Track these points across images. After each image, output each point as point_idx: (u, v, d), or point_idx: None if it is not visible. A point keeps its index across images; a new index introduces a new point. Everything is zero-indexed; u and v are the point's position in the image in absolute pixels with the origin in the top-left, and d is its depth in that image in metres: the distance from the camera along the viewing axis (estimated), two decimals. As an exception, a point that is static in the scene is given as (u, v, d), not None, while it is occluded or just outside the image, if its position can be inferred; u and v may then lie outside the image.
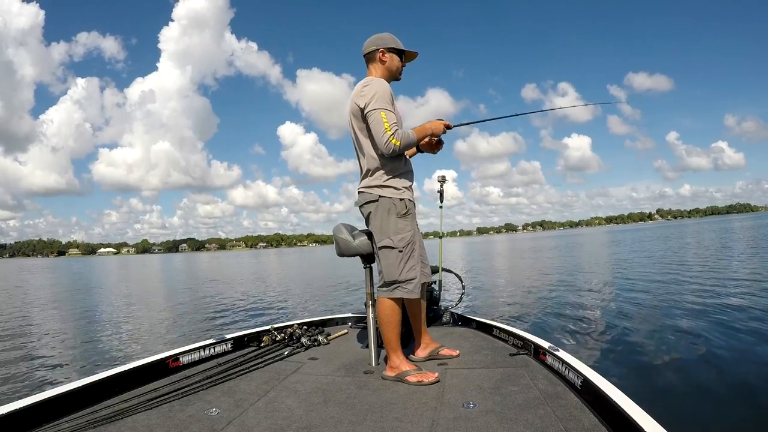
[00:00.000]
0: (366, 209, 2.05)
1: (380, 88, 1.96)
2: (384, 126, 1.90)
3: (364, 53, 2.12)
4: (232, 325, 6.38)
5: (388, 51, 2.09)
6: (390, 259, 1.97)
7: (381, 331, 2.03)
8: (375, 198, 2.00)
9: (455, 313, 2.91)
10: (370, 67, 2.12)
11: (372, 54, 2.09)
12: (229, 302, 9.21)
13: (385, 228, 1.98)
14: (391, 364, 1.98)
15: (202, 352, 2.25)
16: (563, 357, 1.84)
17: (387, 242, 1.98)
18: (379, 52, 2.08)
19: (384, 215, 1.98)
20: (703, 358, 3.60)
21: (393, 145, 1.91)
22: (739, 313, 5.00)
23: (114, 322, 7.33)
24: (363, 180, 2.08)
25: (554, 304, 6.61)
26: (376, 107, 1.92)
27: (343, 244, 2.20)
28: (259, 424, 1.54)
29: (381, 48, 2.08)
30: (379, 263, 2.03)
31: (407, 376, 1.92)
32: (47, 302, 11.29)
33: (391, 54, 2.09)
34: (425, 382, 1.87)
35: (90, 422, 1.52)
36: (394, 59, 2.10)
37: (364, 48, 2.12)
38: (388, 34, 2.11)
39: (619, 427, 1.30)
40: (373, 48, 2.09)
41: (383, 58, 2.08)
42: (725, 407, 2.70)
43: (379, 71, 2.10)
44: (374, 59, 2.09)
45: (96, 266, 44.28)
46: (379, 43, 2.09)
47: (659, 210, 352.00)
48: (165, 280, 19.76)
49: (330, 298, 9.21)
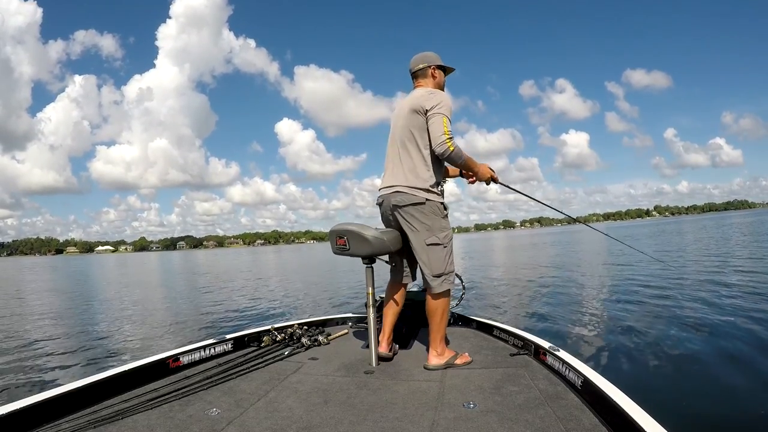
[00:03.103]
0: (409, 210, 2.14)
1: (447, 99, 2.13)
2: (444, 129, 2.05)
3: (414, 70, 2.28)
4: (232, 325, 6.38)
5: (437, 68, 2.27)
6: (438, 254, 2.14)
7: (431, 321, 2.15)
8: (422, 201, 2.12)
9: (455, 313, 2.91)
10: (420, 81, 2.28)
11: (424, 70, 2.27)
12: (228, 302, 9.22)
13: (432, 227, 2.14)
14: (439, 351, 2.13)
15: (202, 352, 2.25)
16: (563, 357, 1.84)
17: (434, 240, 2.14)
18: (430, 69, 2.26)
19: (431, 216, 2.14)
20: (703, 358, 3.61)
21: (447, 148, 2.04)
22: (740, 313, 5.02)
23: (114, 321, 7.33)
24: (405, 181, 2.14)
25: (554, 303, 6.62)
26: (442, 112, 2.07)
27: (376, 243, 2.14)
28: (259, 424, 1.54)
29: (432, 65, 2.26)
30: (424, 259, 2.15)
31: (456, 360, 2.12)
32: (46, 301, 11.28)
33: (439, 71, 2.29)
34: (468, 362, 2.13)
35: (90, 422, 1.52)
36: (441, 75, 2.30)
37: (413, 65, 2.28)
38: (433, 53, 2.30)
39: (620, 427, 1.31)
40: (425, 65, 2.26)
41: (434, 74, 2.27)
42: (726, 407, 2.71)
43: (430, 85, 2.26)
44: (426, 75, 2.27)
45: (94, 265, 44.18)
46: (429, 61, 2.27)
47: (657, 207, 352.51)
48: (164, 278, 19.73)
49: (330, 297, 9.21)
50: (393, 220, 2.22)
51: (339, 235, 2.23)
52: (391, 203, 2.17)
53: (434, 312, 2.15)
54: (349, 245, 2.19)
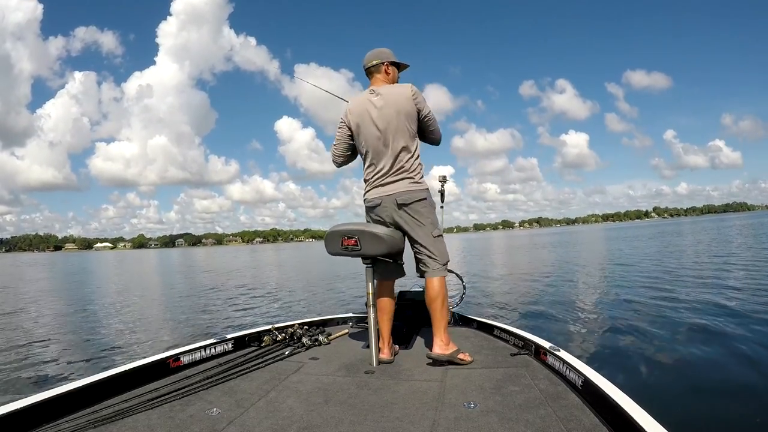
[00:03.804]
0: (416, 206, 2.19)
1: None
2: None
3: (369, 66, 2.30)
4: (232, 325, 6.37)
5: (391, 64, 2.31)
6: (442, 244, 2.26)
7: (435, 309, 2.15)
8: (425, 196, 2.23)
9: (456, 313, 2.91)
10: (377, 77, 2.31)
11: (377, 66, 2.30)
12: (228, 301, 9.20)
13: (434, 220, 2.26)
14: (444, 340, 2.14)
15: (202, 352, 2.25)
16: (564, 357, 1.84)
17: (437, 231, 2.26)
18: (384, 65, 2.29)
19: (432, 209, 2.26)
20: (704, 358, 3.62)
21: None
22: (740, 312, 5.04)
23: (112, 321, 7.32)
24: (405, 178, 2.19)
25: (555, 303, 6.62)
26: (431, 111, 2.27)
27: (390, 241, 2.13)
28: (259, 424, 1.54)
29: (385, 62, 2.29)
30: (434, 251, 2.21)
31: (459, 355, 2.13)
32: (45, 301, 11.25)
33: (393, 67, 2.32)
34: (469, 361, 2.12)
35: (90, 422, 1.52)
36: (395, 71, 2.34)
37: (366, 61, 2.31)
38: (386, 50, 2.34)
39: (620, 427, 1.31)
40: (378, 61, 2.29)
41: (388, 70, 2.30)
42: (726, 407, 2.72)
43: (386, 81, 2.32)
44: (380, 71, 2.30)
45: (92, 262, 44.11)
46: (383, 57, 2.29)
47: (656, 208, 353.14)
48: (163, 277, 19.71)
49: (330, 297, 9.20)
50: (397, 219, 2.20)
51: (347, 235, 2.14)
52: (397, 202, 2.16)
53: (436, 298, 2.17)
54: (361, 245, 2.12)
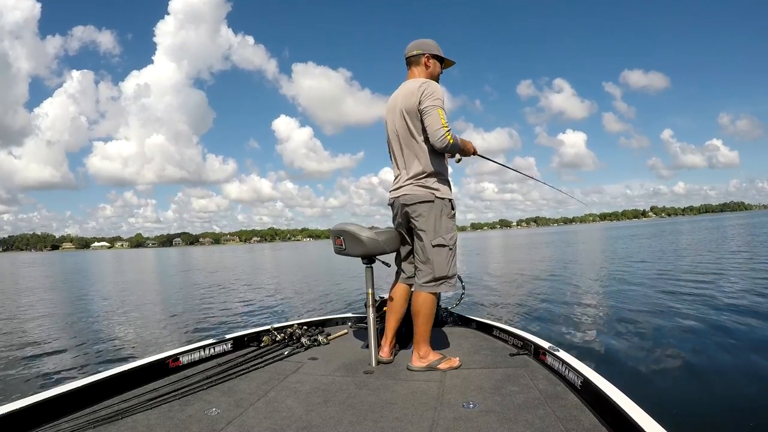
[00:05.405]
0: (417, 208, 2.08)
1: (437, 89, 2.04)
2: (441, 122, 1.98)
3: (408, 56, 2.18)
4: (232, 325, 6.36)
5: (432, 57, 2.17)
6: (442, 256, 2.07)
7: (418, 323, 2.08)
8: (430, 198, 2.06)
9: (455, 314, 2.92)
10: (413, 70, 2.18)
11: (417, 57, 2.17)
12: (227, 301, 9.19)
13: (438, 227, 2.07)
14: (421, 354, 2.07)
15: (202, 352, 2.25)
16: (563, 357, 1.85)
17: (440, 240, 2.06)
18: (424, 57, 2.16)
19: (438, 215, 2.07)
20: (703, 358, 3.63)
21: (447, 141, 1.98)
22: (739, 312, 5.05)
23: (111, 321, 7.30)
24: (411, 179, 2.09)
25: (554, 303, 6.63)
26: (435, 104, 1.99)
27: (370, 243, 2.11)
28: (259, 424, 1.54)
29: (426, 53, 2.16)
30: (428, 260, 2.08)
31: (439, 365, 2.04)
32: (44, 301, 11.21)
33: (435, 60, 2.17)
34: (453, 367, 2.04)
35: (90, 422, 1.52)
36: (436, 65, 2.19)
37: (408, 51, 2.19)
38: (431, 41, 2.19)
39: (619, 427, 1.31)
40: (419, 52, 2.16)
41: (428, 63, 2.17)
42: (725, 407, 2.73)
43: (423, 75, 2.16)
44: (419, 63, 2.17)
45: (90, 261, 43.96)
46: (424, 48, 2.16)
47: (653, 207, 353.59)
48: (160, 276, 19.66)
49: (330, 297, 9.20)
50: (404, 221, 2.16)
51: (337, 235, 2.23)
52: (401, 203, 2.13)
53: (419, 311, 2.07)
54: (346, 245, 2.20)
